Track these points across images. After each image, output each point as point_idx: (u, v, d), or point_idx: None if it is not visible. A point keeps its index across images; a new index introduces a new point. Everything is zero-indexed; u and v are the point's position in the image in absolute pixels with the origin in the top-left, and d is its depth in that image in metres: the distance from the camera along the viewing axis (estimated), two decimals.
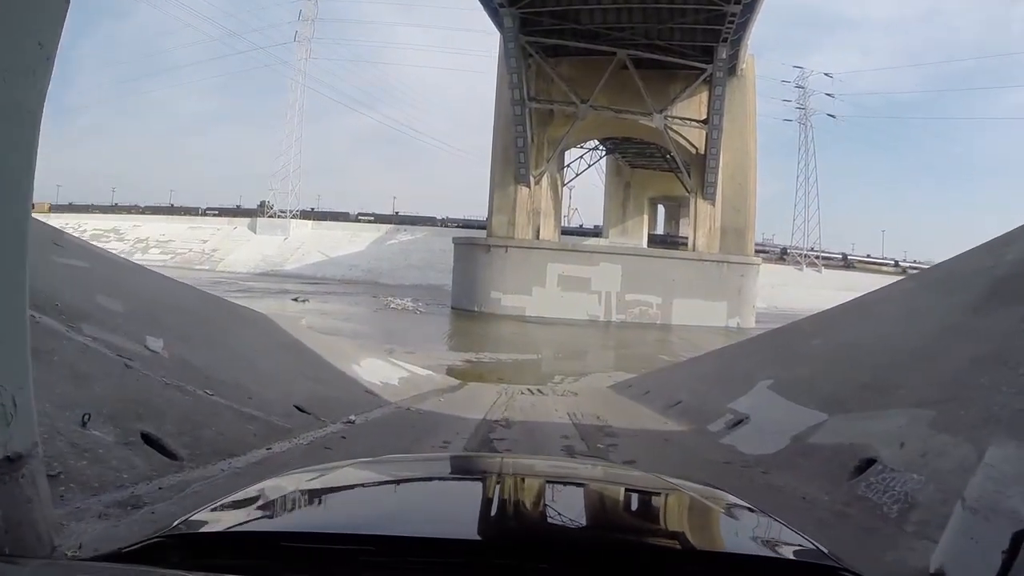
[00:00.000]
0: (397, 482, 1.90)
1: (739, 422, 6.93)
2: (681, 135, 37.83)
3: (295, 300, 34.47)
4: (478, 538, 1.35)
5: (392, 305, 36.05)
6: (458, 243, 40.56)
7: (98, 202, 76.37)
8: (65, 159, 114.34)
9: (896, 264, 62.42)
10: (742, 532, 1.56)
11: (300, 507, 1.60)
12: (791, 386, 7.15)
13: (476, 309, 35.29)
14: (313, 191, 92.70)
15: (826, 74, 64.91)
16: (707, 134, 36.93)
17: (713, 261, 36.80)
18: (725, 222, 38.46)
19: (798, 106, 64.08)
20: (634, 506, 1.81)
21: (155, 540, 1.28)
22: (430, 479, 1.98)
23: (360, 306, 34.94)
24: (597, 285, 35.28)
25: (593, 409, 9.60)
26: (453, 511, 1.58)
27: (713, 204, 38.10)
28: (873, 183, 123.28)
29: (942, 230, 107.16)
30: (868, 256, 65.20)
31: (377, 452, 4.04)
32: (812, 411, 6.15)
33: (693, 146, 37.90)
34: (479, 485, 1.86)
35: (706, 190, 37.80)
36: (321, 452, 5.02)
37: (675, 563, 1.26)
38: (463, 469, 2.26)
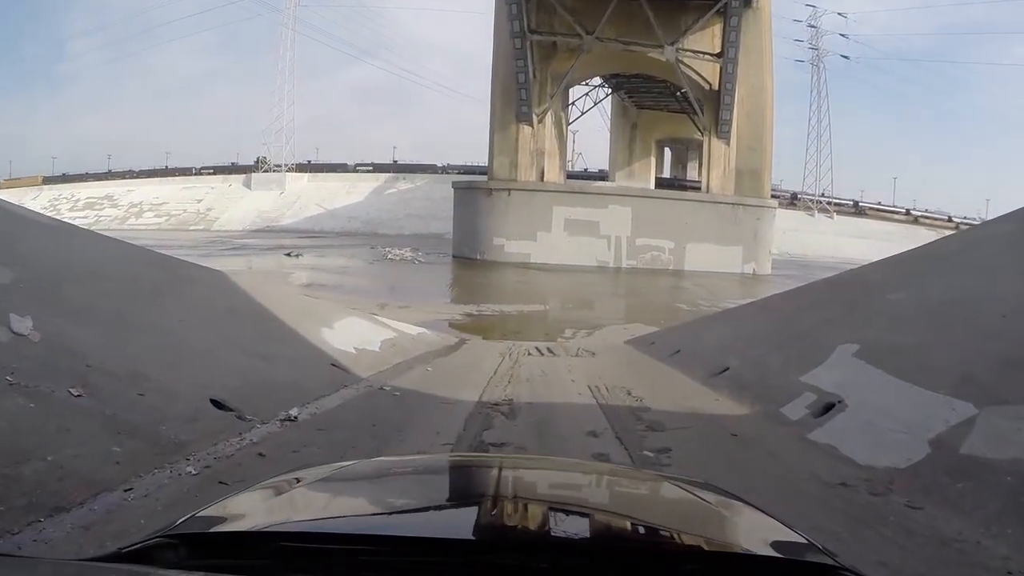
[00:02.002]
0: (398, 482, 1.85)
1: (829, 407, 5.11)
2: (693, 69, 35.08)
3: (288, 255, 32.57)
4: (479, 538, 1.31)
5: (390, 256, 33.91)
6: (458, 187, 37.97)
7: (95, 171, 73.48)
8: (61, 132, 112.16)
9: (907, 212, 60.84)
10: (741, 530, 1.52)
11: (300, 507, 1.58)
12: (890, 356, 5.32)
13: (478, 257, 33.06)
14: (312, 145, 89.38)
15: (840, 14, 61.01)
16: (721, 68, 34.18)
17: (728, 204, 34.35)
18: (740, 163, 35.84)
19: (811, 46, 60.71)
20: (632, 504, 1.77)
21: (155, 540, 1.25)
22: (432, 479, 1.89)
23: (356, 258, 32.89)
24: (606, 229, 32.83)
25: (618, 378, 7.80)
26: (454, 511, 1.58)
27: (728, 143, 35.51)
28: (881, 130, 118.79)
29: (950, 180, 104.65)
30: (879, 203, 62.97)
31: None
32: (942, 397, 4.33)
33: (706, 82, 35.19)
34: (480, 485, 1.82)
35: (720, 128, 35.22)
36: (212, 490, 3.18)
37: (674, 562, 1.24)
38: (465, 469, 2.14)
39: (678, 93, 42.50)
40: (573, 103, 45.95)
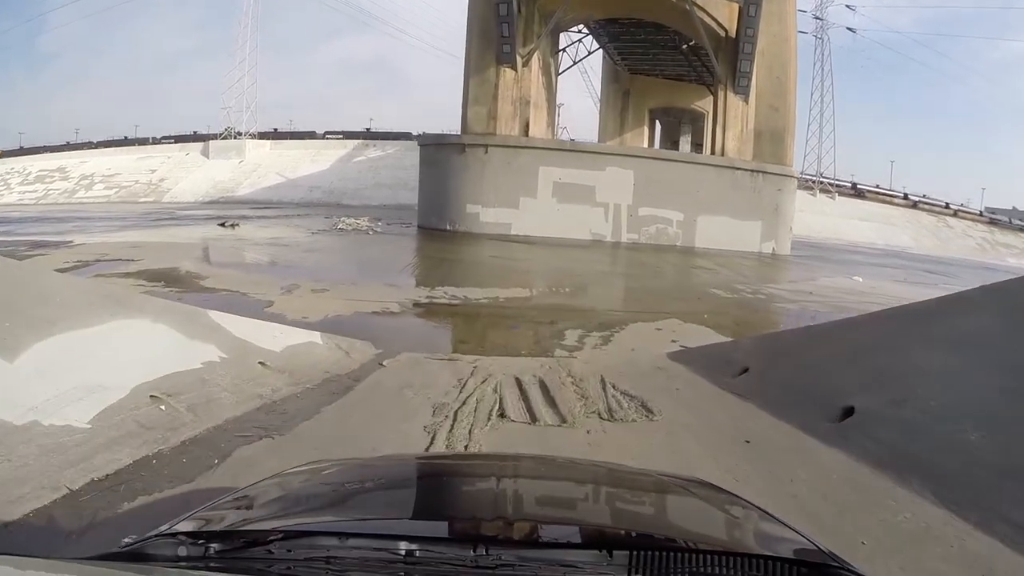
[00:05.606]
0: (398, 481, 1.84)
1: None
2: (707, 13, 29.34)
3: (222, 226, 27.09)
4: (476, 538, 1.27)
5: (340, 226, 28.09)
6: (425, 144, 31.81)
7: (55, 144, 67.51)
8: (28, 109, 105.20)
9: (906, 197, 58.82)
10: (742, 530, 1.51)
11: (300, 506, 1.56)
12: None
13: (447, 227, 27.28)
14: (287, 118, 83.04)
15: None
16: (741, 10, 28.57)
17: (747, 170, 28.68)
18: (759, 123, 30.32)
19: (815, 16, 55.70)
20: (632, 504, 1.72)
21: (155, 540, 1.25)
22: (431, 479, 1.89)
23: (301, 229, 26.99)
24: (603, 196, 27.11)
25: None
26: (453, 510, 1.57)
27: (746, 100, 29.88)
28: (872, 112, 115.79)
29: (942, 167, 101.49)
30: (878, 186, 60.56)
31: None
32: None
33: (722, 28, 29.54)
34: (480, 485, 1.80)
35: (738, 82, 29.53)
36: None
37: (674, 561, 1.20)
38: (464, 469, 2.09)
39: (684, 47, 37.07)
40: (563, 50, 40.03)
